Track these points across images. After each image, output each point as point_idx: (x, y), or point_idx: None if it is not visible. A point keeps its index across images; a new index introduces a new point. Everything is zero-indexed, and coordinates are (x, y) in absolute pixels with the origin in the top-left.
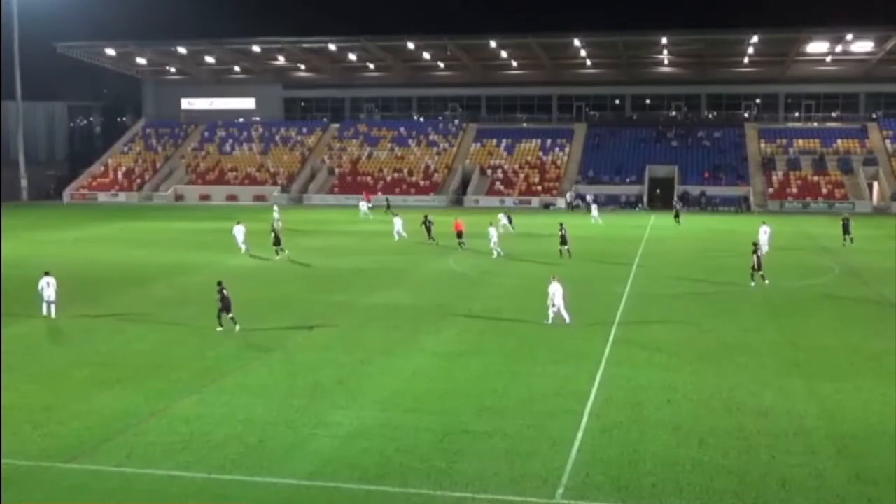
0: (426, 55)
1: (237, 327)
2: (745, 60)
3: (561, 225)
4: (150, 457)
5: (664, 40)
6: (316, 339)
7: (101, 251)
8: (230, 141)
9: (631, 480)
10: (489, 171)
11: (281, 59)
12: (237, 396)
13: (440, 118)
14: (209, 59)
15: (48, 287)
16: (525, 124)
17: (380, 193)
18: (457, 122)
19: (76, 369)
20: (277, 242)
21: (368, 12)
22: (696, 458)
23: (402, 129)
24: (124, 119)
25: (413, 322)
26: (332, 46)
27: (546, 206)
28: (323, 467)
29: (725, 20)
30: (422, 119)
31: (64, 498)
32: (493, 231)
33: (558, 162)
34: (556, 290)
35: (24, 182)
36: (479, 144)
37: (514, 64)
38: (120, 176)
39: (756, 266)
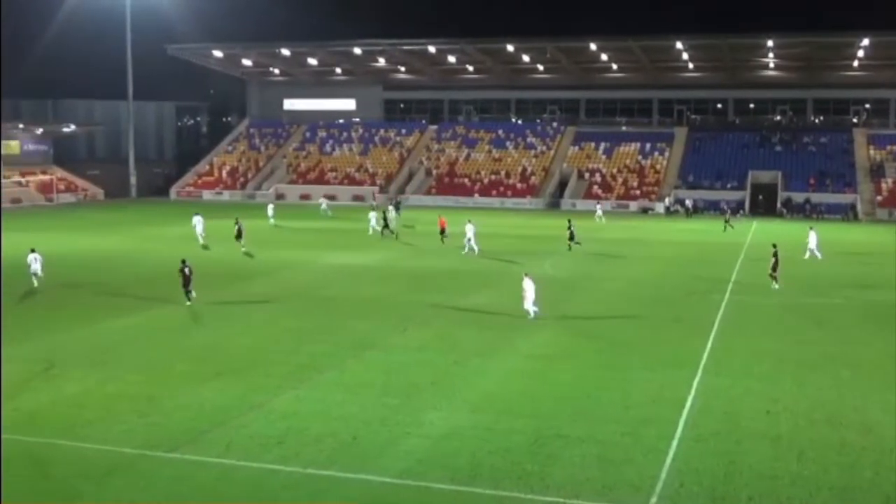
0: (525, 57)
1: (192, 295)
2: (855, 64)
3: (569, 221)
4: (248, 449)
5: (770, 43)
6: (411, 339)
7: (220, 248)
8: (330, 141)
9: (727, 492)
10: (587, 175)
11: (381, 61)
12: (333, 393)
13: (538, 121)
14: (312, 61)
15: (35, 262)
16: (624, 128)
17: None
18: (555, 124)
19: (179, 362)
20: (239, 236)
21: (468, 15)
22: (795, 471)
23: (499, 132)
24: (229, 119)
25: (507, 324)
26: (431, 48)
27: (644, 211)
28: (415, 466)
29: (834, 22)
30: (520, 121)
31: (166, 487)
32: (470, 228)
33: (658, 166)
34: (528, 287)
35: (133, 179)
36: (577, 147)
37: (614, 67)
38: (224, 174)
39: (773, 267)
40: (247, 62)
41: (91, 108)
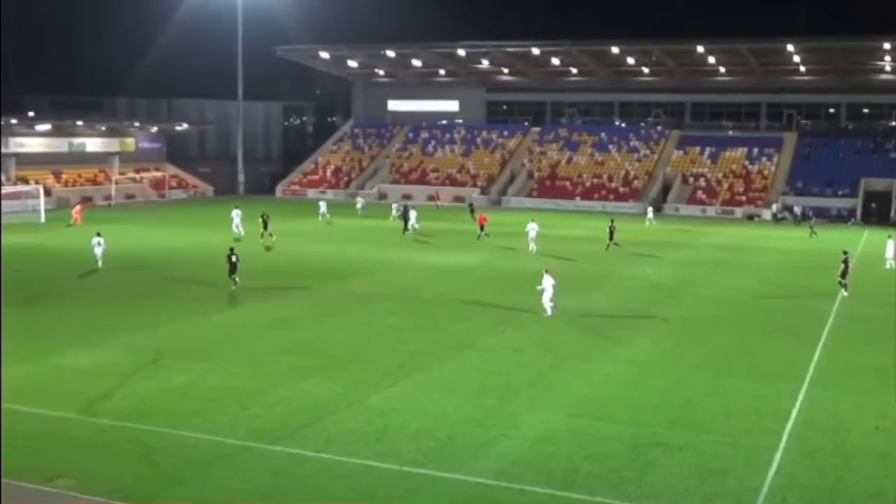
0: (630, 60)
1: (236, 284)
2: None
3: (611, 221)
4: (346, 445)
5: (886, 45)
6: (509, 340)
7: (308, 245)
8: (433, 142)
9: None
10: (691, 179)
11: (485, 63)
12: (430, 392)
13: (642, 124)
14: (416, 63)
15: (98, 246)
16: (731, 132)
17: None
18: (659, 128)
19: (282, 356)
20: (265, 228)
21: (573, 16)
22: None
23: (602, 135)
24: (334, 119)
25: (606, 328)
26: (535, 50)
27: (750, 217)
28: (510, 468)
29: None
30: (623, 124)
31: (266, 478)
32: (532, 227)
33: (765, 172)
34: (548, 283)
35: (241, 177)
36: (681, 152)
37: (722, 70)
38: (328, 174)
39: (842, 274)
40: (352, 63)
41: (203, 108)
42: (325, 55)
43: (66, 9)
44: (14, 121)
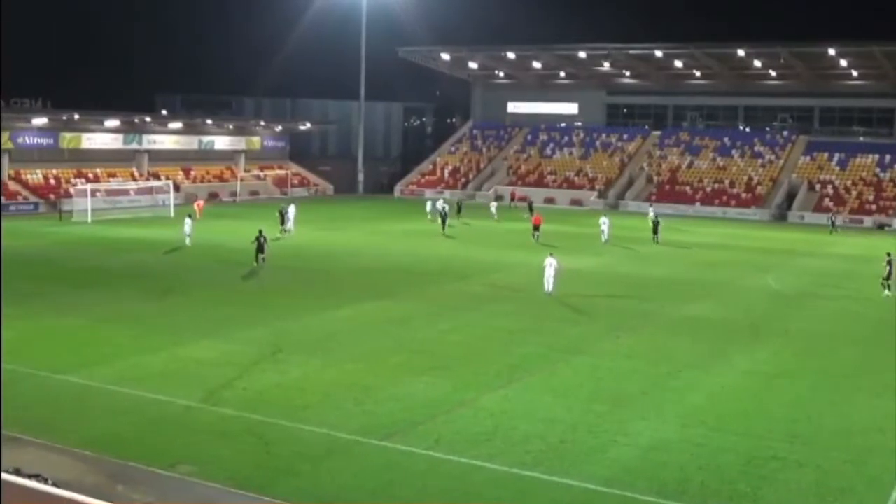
0: (757, 63)
1: (261, 264)
2: None
3: (655, 215)
4: (456, 444)
5: None
6: (622, 346)
7: (425, 244)
8: (551, 145)
9: None
10: (818, 187)
11: (606, 66)
12: (541, 395)
13: (767, 129)
14: (536, 65)
15: (188, 225)
16: (861, 138)
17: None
18: (785, 133)
19: (395, 354)
20: (283, 223)
21: (696, 18)
22: None
23: (725, 139)
24: (453, 120)
25: (723, 338)
26: (658, 53)
27: (880, 227)
28: (620, 475)
29: None
30: (747, 129)
31: (377, 473)
32: (604, 221)
33: None
34: (549, 264)
35: (360, 176)
36: (808, 158)
37: (854, 73)
38: (446, 174)
39: (887, 276)
40: (473, 65)
41: (325, 108)
42: (445, 56)
43: (197, 11)
44: (148, 119)
